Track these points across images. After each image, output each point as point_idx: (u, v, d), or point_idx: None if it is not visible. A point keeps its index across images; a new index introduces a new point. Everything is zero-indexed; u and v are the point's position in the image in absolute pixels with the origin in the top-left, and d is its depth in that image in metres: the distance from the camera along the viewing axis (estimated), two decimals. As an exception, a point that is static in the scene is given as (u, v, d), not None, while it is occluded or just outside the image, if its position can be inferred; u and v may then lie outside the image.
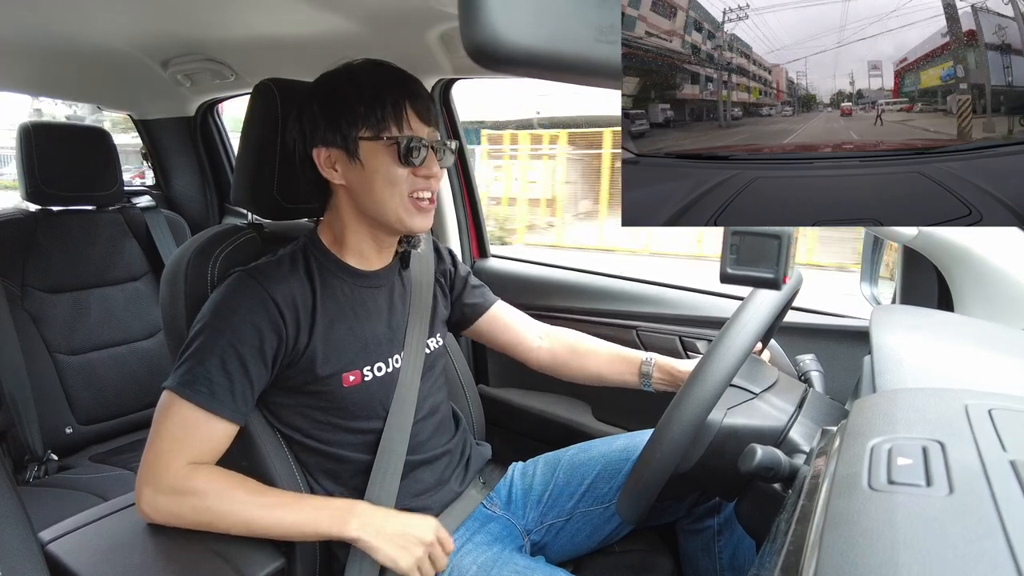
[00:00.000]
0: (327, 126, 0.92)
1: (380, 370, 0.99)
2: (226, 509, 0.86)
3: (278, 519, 0.87)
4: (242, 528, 0.87)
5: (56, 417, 1.71)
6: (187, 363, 0.87)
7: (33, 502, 1.44)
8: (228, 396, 0.87)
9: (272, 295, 0.90)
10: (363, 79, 0.93)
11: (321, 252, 0.99)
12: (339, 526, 0.87)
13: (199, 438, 0.87)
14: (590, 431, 1.51)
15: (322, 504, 0.91)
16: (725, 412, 0.88)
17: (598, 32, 0.32)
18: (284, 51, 1.52)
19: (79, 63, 1.78)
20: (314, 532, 0.88)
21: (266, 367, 0.90)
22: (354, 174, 0.93)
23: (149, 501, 0.87)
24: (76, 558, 0.87)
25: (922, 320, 0.79)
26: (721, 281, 0.66)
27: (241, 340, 0.87)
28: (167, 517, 0.88)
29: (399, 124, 0.91)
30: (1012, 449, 0.40)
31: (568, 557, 1.15)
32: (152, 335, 1.91)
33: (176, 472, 0.86)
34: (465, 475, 1.11)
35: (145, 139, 2.35)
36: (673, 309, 1.46)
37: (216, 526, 0.87)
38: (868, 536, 0.35)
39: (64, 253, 1.79)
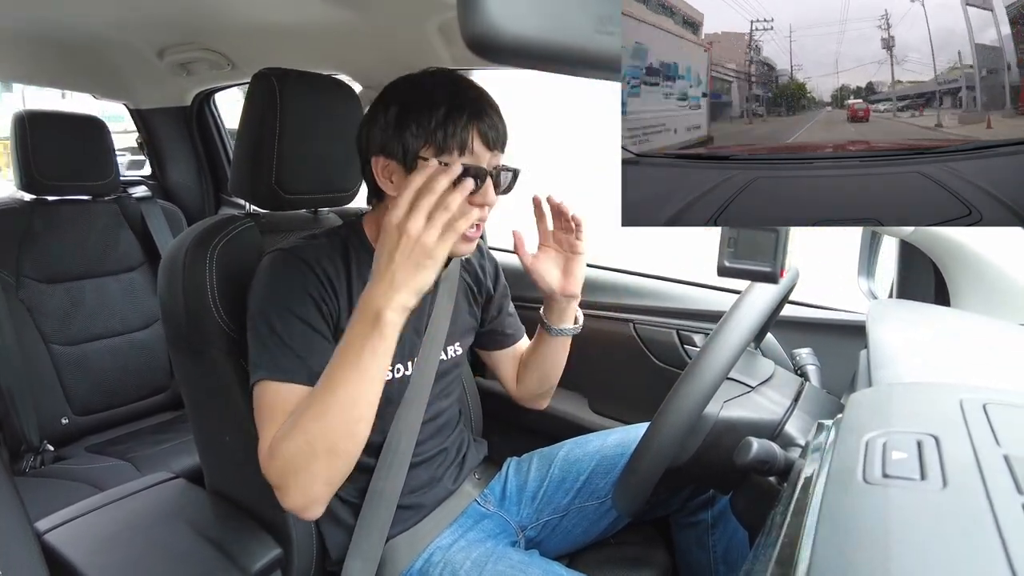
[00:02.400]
0: (392, 137, 0.88)
1: (398, 371, 0.98)
2: (303, 438, 0.76)
3: (349, 399, 0.76)
4: (341, 417, 0.76)
5: (52, 407, 1.71)
6: (266, 350, 0.84)
7: (29, 492, 1.43)
8: (316, 361, 0.82)
9: (314, 269, 0.88)
10: (437, 95, 0.87)
11: (361, 242, 0.96)
12: (375, 346, 0.75)
13: (288, 411, 0.81)
14: (586, 424, 1.51)
15: (344, 360, 0.77)
16: (722, 405, 0.88)
17: (598, 23, 0.32)
18: (281, 40, 1.51)
19: (74, 52, 1.77)
20: (378, 370, 0.76)
21: (329, 330, 0.88)
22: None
23: (267, 467, 0.80)
24: (72, 548, 0.87)
25: (918, 315, 0.79)
26: (718, 274, 0.66)
27: (305, 308, 0.86)
28: (281, 470, 0.78)
29: (462, 149, 0.86)
30: (1006, 443, 0.41)
31: (563, 552, 1.16)
32: (148, 325, 1.91)
33: (267, 443, 0.80)
34: (459, 473, 1.12)
35: (141, 129, 2.34)
36: (670, 302, 1.46)
37: (315, 446, 0.76)
38: (862, 529, 0.36)
39: (60, 243, 1.78)
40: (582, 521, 1.13)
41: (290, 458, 0.77)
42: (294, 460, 0.77)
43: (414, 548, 1.01)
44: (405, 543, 1.01)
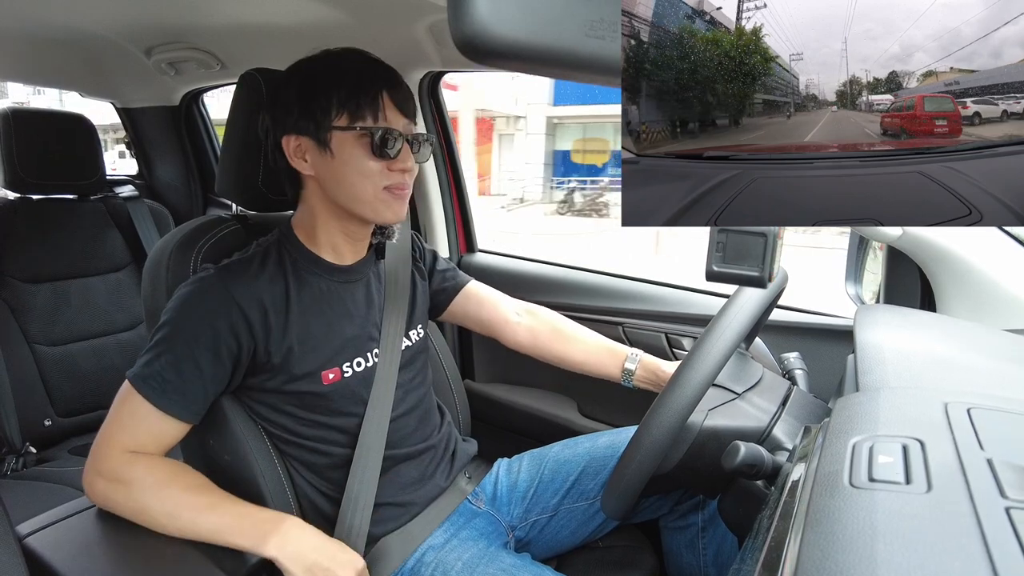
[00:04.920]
0: (300, 113, 0.89)
1: (360, 365, 0.98)
2: (151, 502, 0.85)
3: (196, 521, 0.84)
4: (165, 524, 0.84)
5: (35, 409, 1.69)
6: (146, 355, 0.87)
7: (11, 495, 1.41)
8: (178, 395, 0.86)
9: (237, 299, 0.88)
10: (342, 67, 0.90)
11: (295, 247, 0.97)
12: (257, 540, 0.84)
13: (144, 430, 0.87)
14: (576, 427, 1.51)
15: (248, 513, 0.87)
16: (706, 414, 0.88)
17: (588, 27, 0.32)
18: (270, 41, 1.51)
19: (61, 50, 1.75)
20: (229, 541, 0.84)
21: (224, 368, 0.88)
22: (324, 165, 0.90)
23: (90, 482, 0.87)
24: (54, 552, 0.85)
25: (905, 320, 0.80)
26: (707, 278, 0.66)
27: (198, 341, 0.86)
28: (104, 501, 0.88)
29: (375, 115, 0.88)
30: (989, 448, 0.41)
31: (552, 553, 1.15)
32: (134, 326, 1.89)
33: (117, 458, 0.86)
34: (450, 470, 1.11)
35: (128, 128, 2.31)
36: (659, 306, 1.47)
37: (143, 518, 0.85)
38: (848, 533, 0.36)
39: (44, 243, 1.75)
40: (571, 522, 1.13)
41: (116, 502, 0.87)
42: (117, 505, 0.87)
43: (406, 547, 1.00)
44: (396, 542, 1.00)
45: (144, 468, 0.86)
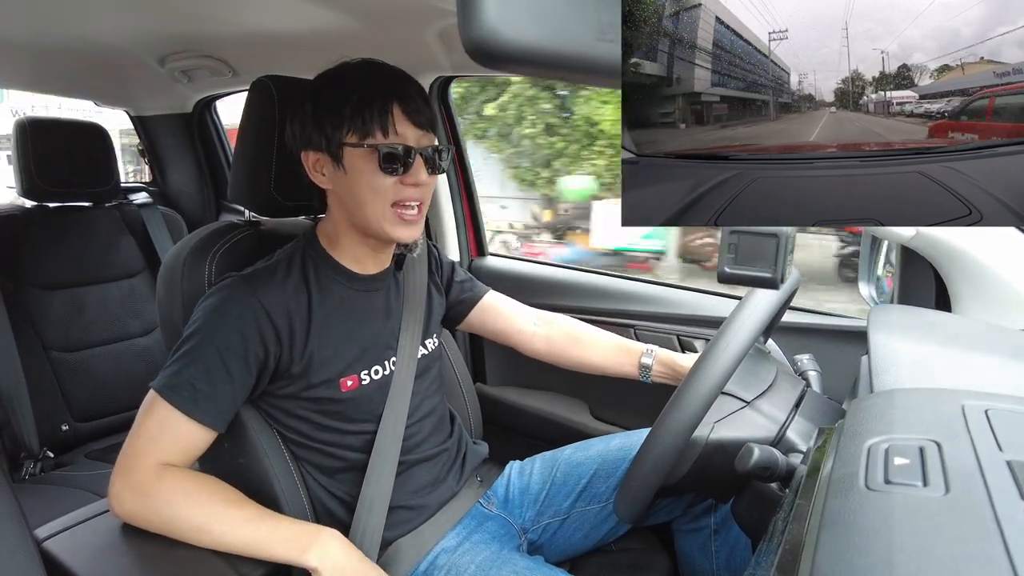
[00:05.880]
0: (314, 129, 0.89)
1: (377, 373, 0.99)
2: (184, 515, 0.84)
3: (232, 534, 0.83)
4: (198, 537, 0.83)
5: (52, 414, 1.71)
6: (174, 365, 0.87)
7: (29, 499, 1.43)
8: (209, 403, 0.86)
9: (264, 305, 0.88)
10: (352, 81, 0.89)
11: (318, 254, 0.97)
12: (297, 552, 0.83)
13: (174, 440, 0.86)
14: (588, 430, 1.51)
15: (287, 525, 0.87)
16: (712, 427, 0.87)
17: (598, 31, 0.32)
18: (282, 48, 1.52)
19: (75, 59, 1.77)
20: (268, 553, 0.83)
21: (251, 375, 0.89)
22: (339, 180, 0.91)
23: (117, 495, 0.86)
24: (72, 556, 0.86)
25: (919, 320, 0.79)
26: (719, 280, 0.66)
27: (228, 348, 0.86)
28: (131, 515, 0.86)
29: (384, 130, 0.87)
30: (1008, 449, 0.40)
31: (565, 557, 1.15)
32: (148, 332, 1.91)
33: (147, 470, 0.85)
34: (462, 473, 1.11)
35: (142, 136, 2.34)
36: (671, 308, 1.46)
37: (174, 531, 0.84)
38: (864, 535, 0.35)
39: (60, 250, 1.78)
40: (583, 525, 1.12)
41: (146, 517, 0.85)
42: (146, 520, 0.85)
43: (419, 550, 1.00)
44: (409, 545, 1.00)
45: (174, 480, 0.85)
